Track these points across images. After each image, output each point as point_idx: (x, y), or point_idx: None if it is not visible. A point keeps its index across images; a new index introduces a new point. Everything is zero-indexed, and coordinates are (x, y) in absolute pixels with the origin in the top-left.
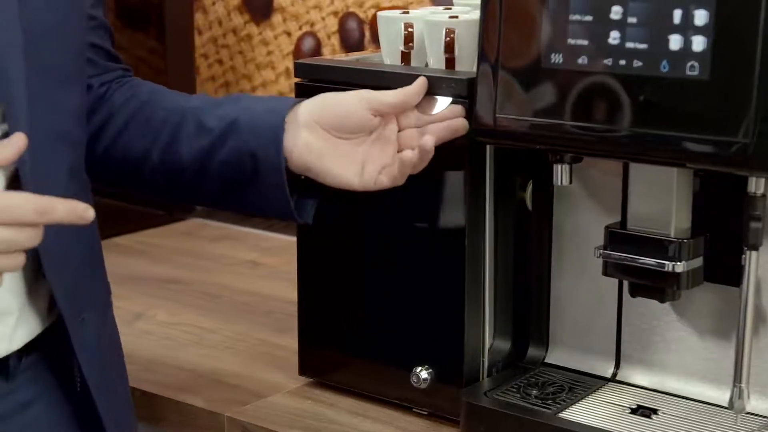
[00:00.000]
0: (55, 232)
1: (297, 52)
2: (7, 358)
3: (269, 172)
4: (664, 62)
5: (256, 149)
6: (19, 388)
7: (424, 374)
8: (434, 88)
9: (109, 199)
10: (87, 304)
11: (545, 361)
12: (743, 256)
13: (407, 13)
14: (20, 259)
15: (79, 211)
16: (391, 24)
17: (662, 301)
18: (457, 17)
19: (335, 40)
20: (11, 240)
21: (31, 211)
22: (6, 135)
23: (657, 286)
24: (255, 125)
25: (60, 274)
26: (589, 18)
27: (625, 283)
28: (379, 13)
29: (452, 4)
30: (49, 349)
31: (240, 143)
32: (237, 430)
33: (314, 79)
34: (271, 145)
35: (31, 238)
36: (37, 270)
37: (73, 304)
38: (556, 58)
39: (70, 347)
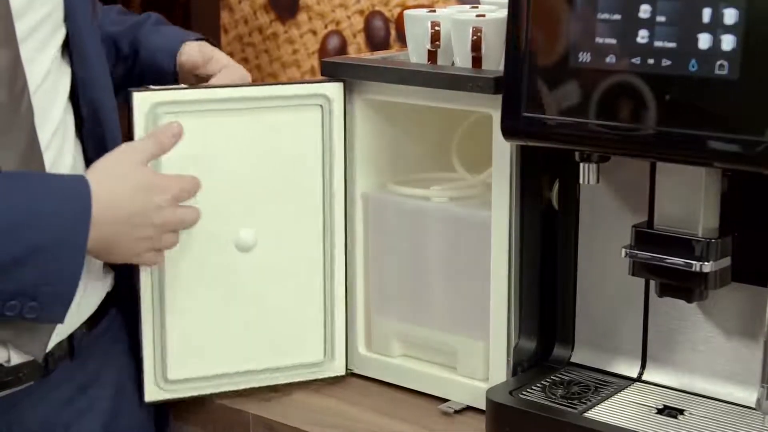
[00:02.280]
0: None
1: (322, 51)
2: (71, 334)
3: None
4: (693, 61)
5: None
6: (85, 364)
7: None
8: (461, 86)
9: None
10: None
11: (571, 360)
12: None
13: (434, 11)
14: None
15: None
16: (417, 22)
17: (689, 301)
18: (484, 16)
19: (361, 39)
20: (183, 220)
21: (191, 192)
22: None
23: (684, 286)
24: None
25: None
26: (617, 17)
27: (652, 283)
28: (406, 12)
29: (479, 3)
30: (111, 318)
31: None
32: (261, 428)
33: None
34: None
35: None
36: None
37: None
38: (584, 57)
39: (129, 314)
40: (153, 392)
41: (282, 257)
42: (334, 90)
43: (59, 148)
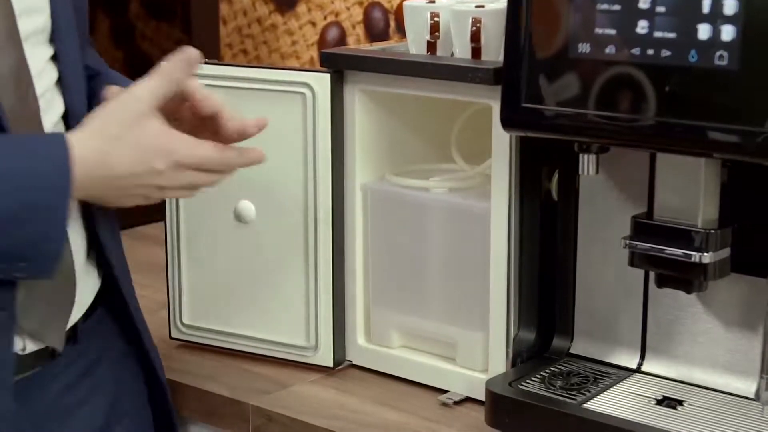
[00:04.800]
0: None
1: (322, 42)
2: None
3: None
4: (693, 52)
5: None
6: (86, 350)
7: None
8: (461, 77)
9: None
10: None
11: (570, 351)
12: None
13: (433, 2)
14: (195, 193)
15: (254, 156)
16: (417, 13)
17: (689, 292)
18: (483, 6)
19: (360, 30)
20: (197, 182)
21: (217, 162)
22: None
23: (684, 277)
24: None
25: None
26: (617, 7)
27: (651, 274)
28: (406, 3)
29: None
30: (107, 306)
31: None
32: (261, 419)
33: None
34: None
35: (212, 181)
36: (91, 232)
37: (119, 261)
38: (584, 48)
39: (123, 300)
40: (174, 331)
41: (264, 243)
42: (318, 80)
43: None
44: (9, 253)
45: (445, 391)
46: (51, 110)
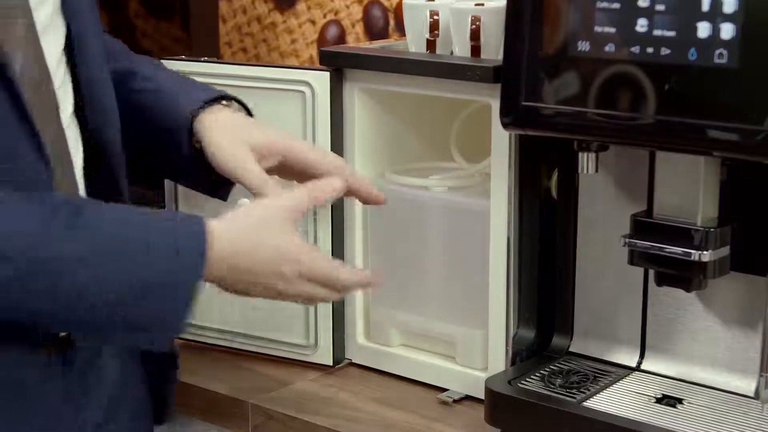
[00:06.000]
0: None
1: (321, 40)
2: None
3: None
4: (692, 50)
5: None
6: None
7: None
8: (460, 75)
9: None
10: None
11: (570, 350)
12: None
13: (433, 0)
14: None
15: (369, 279)
16: (416, 12)
17: (688, 290)
18: (482, 5)
19: (359, 28)
20: (315, 295)
21: (326, 283)
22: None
23: (683, 276)
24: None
25: None
26: (616, 5)
27: (651, 273)
28: (405, 1)
29: None
30: None
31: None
32: (261, 417)
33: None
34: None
35: (330, 298)
36: None
37: None
38: (583, 46)
39: None
40: None
41: None
42: (317, 78)
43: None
44: (134, 323)
45: (445, 390)
46: (62, 104)
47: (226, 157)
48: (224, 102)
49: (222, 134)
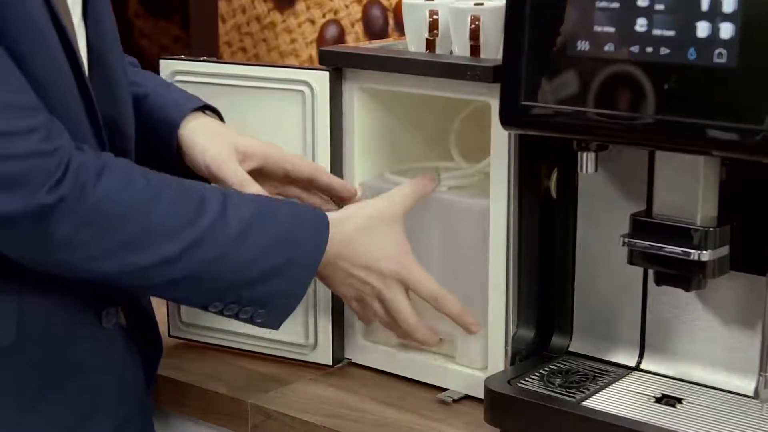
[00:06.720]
0: None
1: (320, 40)
2: None
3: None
4: (692, 50)
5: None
6: None
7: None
8: (460, 74)
9: None
10: None
11: (569, 349)
12: None
13: (432, 0)
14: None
15: (466, 323)
16: (416, 11)
17: (688, 290)
18: (482, 4)
19: (359, 28)
20: (396, 310)
21: (428, 297)
22: None
23: (682, 275)
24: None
25: None
26: (616, 5)
27: (650, 272)
28: (405, 1)
29: None
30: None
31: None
32: (260, 417)
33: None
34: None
35: (408, 320)
36: None
37: None
38: (582, 46)
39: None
40: (173, 329)
41: None
42: (316, 78)
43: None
44: (259, 299)
45: (444, 389)
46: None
47: (209, 157)
48: (207, 112)
49: (206, 136)
